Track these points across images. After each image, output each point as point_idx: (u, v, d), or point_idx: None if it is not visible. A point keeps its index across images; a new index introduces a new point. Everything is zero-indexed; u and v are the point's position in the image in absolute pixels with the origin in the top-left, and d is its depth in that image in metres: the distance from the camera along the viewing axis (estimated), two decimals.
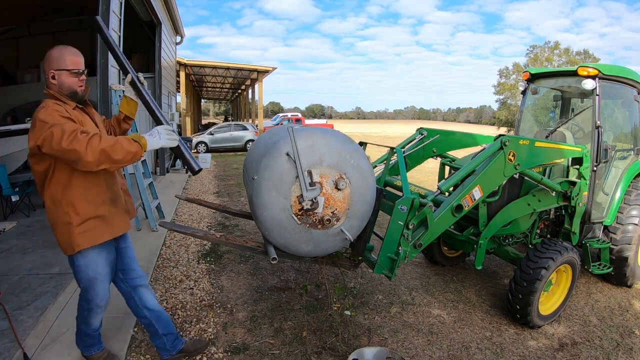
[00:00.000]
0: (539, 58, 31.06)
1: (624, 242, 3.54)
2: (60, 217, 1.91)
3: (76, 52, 1.99)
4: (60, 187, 1.88)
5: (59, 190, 1.88)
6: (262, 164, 2.11)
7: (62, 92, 1.90)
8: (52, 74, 1.88)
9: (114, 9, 4.68)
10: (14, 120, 7.07)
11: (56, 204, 1.90)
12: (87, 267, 2.02)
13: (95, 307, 2.15)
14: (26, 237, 4.31)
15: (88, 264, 2.02)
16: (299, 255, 2.33)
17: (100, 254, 2.05)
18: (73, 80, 1.92)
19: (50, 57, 1.91)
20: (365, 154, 2.32)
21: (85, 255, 2.00)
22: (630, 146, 3.96)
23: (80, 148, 1.67)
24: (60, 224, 1.93)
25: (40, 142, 1.73)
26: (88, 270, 2.03)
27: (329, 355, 2.60)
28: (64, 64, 1.90)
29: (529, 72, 4.18)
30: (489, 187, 2.67)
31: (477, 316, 3.20)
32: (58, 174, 1.87)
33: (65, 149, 1.68)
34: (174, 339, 2.40)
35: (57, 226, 1.94)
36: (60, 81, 1.89)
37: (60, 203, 1.89)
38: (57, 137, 1.68)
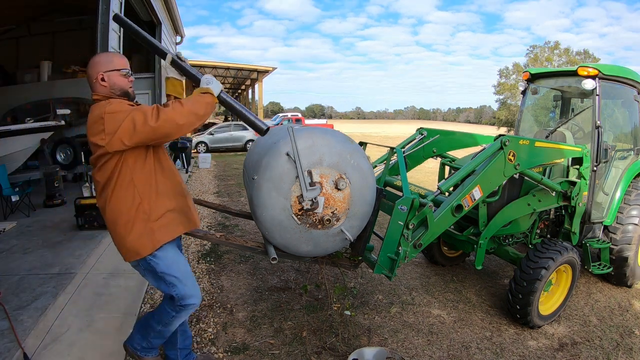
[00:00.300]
0: (539, 58, 31.08)
1: (624, 242, 3.54)
2: (133, 216, 1.84)
3: (122, 55, 2.02)
4: (131, 184, 1.83)
5: (130, 188, 1.83)
6: (262, 164, 2.11)
7: (114, 92, 1.89)
8: (101, 76, 1.86)
9: (114, 9, 4.67)
10: (14, 120, 7.07)
11: (126, 203, 1.84)
12: (170, 267, 1.95)
13: (191, 306, 2.05)
14: (26, 237, 4.31)
15: (170, 263, 1.95)
16: (299, 255, 2.33)
17: (177, 251, 2.02)
18: (124, 80, 1.93)
19: (97, 61, 1.90)
20: (365, 154, 2.32)
21: (165, 253, 1.94)
22: (630, 146, 3.96)
23: (171, 116, 1.71)
24: (134, 224, 1.84)
25: (121, 133, 1.70)
26: (172, 269, 1.96)
27: (329, 355, 2.60)
28: (112, 65, 1.89)
29: (529, 72, 4.19)
30: (489, 187, 2.67)
31: (477, 316, 3.20)
32: (126, 170, 1.82)
33: (156, 127, 1.70)
34: (187, 353, 2.36)
35: (128, 228, 1.85)
36: (111, 82, 1.88)
37: (132, 201, 1.84)
38: (140, 120, 1.69)
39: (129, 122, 1.70)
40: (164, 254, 1.94)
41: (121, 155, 1.79)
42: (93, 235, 4.39)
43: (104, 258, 3.82)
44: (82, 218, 4.55)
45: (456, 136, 3.81)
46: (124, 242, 1.88)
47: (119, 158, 1.80)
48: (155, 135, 1.75)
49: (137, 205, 1.85)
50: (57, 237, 4.32)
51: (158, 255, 1.92)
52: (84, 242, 4.17)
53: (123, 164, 1.81)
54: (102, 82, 1.87)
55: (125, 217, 1.85)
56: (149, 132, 1.72)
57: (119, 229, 1.87)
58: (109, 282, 3.33)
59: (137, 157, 1.84)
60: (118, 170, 1.81)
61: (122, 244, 1.89)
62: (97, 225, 4.59)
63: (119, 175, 1.82)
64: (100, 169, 1.83)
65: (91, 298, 3.04)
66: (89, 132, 1.80)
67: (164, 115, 1.72)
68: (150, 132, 1.72)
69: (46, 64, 8.36)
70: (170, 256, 1.96)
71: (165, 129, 1.74)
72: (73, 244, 4.13)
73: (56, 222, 4.92)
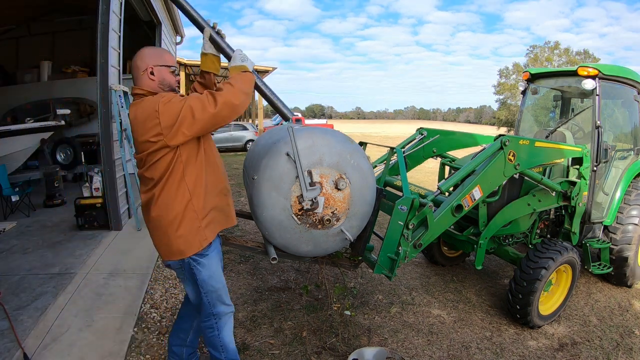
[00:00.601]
0: (539, 58, 31.08)
1: (624, 242, 3.54)
2: (182, 213, 1.78)
3: (170, 52, 1.99)
4: (183, 181, 1.79)
5: (181, 185, 1.78)
6: (262, 164, 2.11)
7: (162, 88, 1.84)
8: (150, 69, 1.80)
9: (114, 9, 4.67)
10: (14, 120, 7.07)
11: (176, 200, 1.78)
12: (211, 277, 1.91)
13: (230, 313, 2.03)
14: (26, 237, 4.31)
15: (212, 274, 1.91)
16: (299, 255, 2.33)
17: (219, 260, 1.99)
18: (172, 77, 1.88)
19: (147, 54, 1.84)
20: (365, 154, 2.31)
21: (210, 262, 1.90)
22: (630, 146, 3.96)
23: (228, 99, 1.69)
24: (181, 221, 1.79)
25: (180, 124, 1.65)
26: (213, 279, 1.91)
27: (329, 355, 2.60)
28: (163, 60, 1.84)
29: (529, 72, 4.19)
30: (489, 187, 2.67)
31: (477, 316, 3.20)
32: (179, 167, 1.77)
33: (215, 112, 1.67)
34: (192, 352, 2.34)
35: (174, 225, 1.79)
36: (161, 77, 1.84)
37: (182, 198, 1.78)
38: (199, 107, 1.66)
39: (187, 111, 1.66)
40: (209, 262, 1.91)
41: (176, 150, 1.74)
42: (93, 235, 4.39)
43: (104, 258, 3.82)
44: (82, 218, 4.55)
45: (456, 136, 3.81)
46: (168, 240, 1.82)
47: (174, 153, 1.74)
48: (215, 120, 1.71)
49: (187, 202, 1.79)
50: (57, 237, 4.32)
51: (202, 263, 1.89)
52: (84, 242, 4.17)
53: (177, 160, 1.76)
54: (150, 75, 1.81)
55: (172, 214, 1.78)
56: (209, 119, 1.69)
57: (165, 226, 1.80)
58: (109, 282, 3.33)
59: (190, 152, 1.79)
60: (172, 166, 1.75)
61: (165, 242, 1.83)
62: (97, 225, 4.59)
63: (172, 171, 1.76)
64: (153, 166, 1.76)
65: (91, 298, 3.03)
66: (139, 129, 1.72)
67: (220, 99, 1.68)
68: (210, 118, 1.68)
69: (46, 64, 8.35)
70: (214, 265, 1.94)
71: (224, 112, 1.70)
72: (73, 244, 4.13)
73: (56, 222, 4.92)
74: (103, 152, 4.54)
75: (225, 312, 2.03)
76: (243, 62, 1.90)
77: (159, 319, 2.92)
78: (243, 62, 1.90)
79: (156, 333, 2.74)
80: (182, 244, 1.81)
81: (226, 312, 2.03)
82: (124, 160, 4.88)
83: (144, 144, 1.73)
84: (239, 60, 1.91)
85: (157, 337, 2.69)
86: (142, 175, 1.84)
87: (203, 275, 1.90)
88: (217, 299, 1.98)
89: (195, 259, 1.88)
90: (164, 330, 2.78)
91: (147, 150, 1.73)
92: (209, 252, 1.92)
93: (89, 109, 8.07)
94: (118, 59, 5.01)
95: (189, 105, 1.66)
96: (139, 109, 1.74)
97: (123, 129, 4.70)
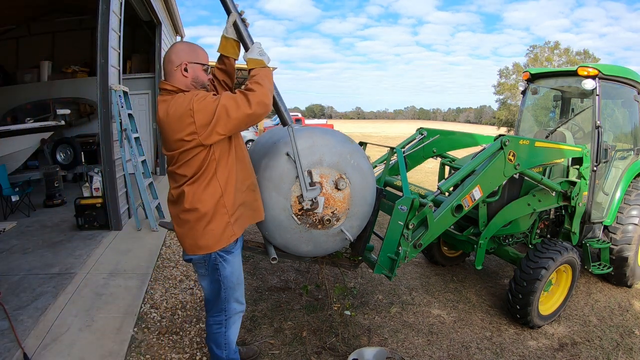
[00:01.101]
0: (539, 58, 31.05)
1: (624, 242, 3.54)
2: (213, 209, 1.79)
3: (204, 49, 1.93)
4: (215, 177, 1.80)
5: (213, 181, 1.79)
6: (262, 164, 2.11)
7: (195, 85, 1.83)
8: (185, 65, 1.79)
9: (114, 9, 4.67)
10: (14, 120, 7.07)
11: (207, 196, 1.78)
12: (233, 273, 1.93)
13: (241, 312, 2.07)
14: (26, 237, 4.32)
15: (234, 270, 1.93)
16: (299, 255, 2.33)
17: (241, 257, 2.00)
18: (205, 75, 1.87)
19: (182, 49, 1.83)
20: (365, 154, 2.31)
21: (235, 259, 1.93)
22: (630, 146, 3.96)
23: (261, 98, 1.70)
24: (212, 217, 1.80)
25: (216, 123, 1.65)
26: (234, 275, 1.94)
27: (329, 355, 2.60)
28: (197, 58, 1.83)
29: (529, 72, 4.18)
30: (489, 187, 2.67)
31: (477, 316, 3.20)
32: (212, 164, 1.77)
33: (251, 112, 1.68)
34: None
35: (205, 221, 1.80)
36: (194, 74, 1.82)
37: (213, 194, 1.79)
38: (233, 107, 1.67)
39: (222, 110, 1.66)
40: (233, 259, 1.93)
41: (210, 148, 1.74)
42: (93, 235, 4.39)
43: (104, 258, 3.82)
44: (82, 218, 4.55)
45: (456, 136, 3.81)
46: (195, 234, 1.82)
47: (208, 152, 1.75)
48: (249, 120, 1.71)
49: (218, 198, 1.80)
50: (57, 237, 4.33)
51: (227, 259, 1.91)
52: (84, 242, 4.17)
53: (211, 158, 1.76)
54: (184, 72, 1.80)
55: (204, 210, 1.78)
56: (244, 118, 1.69)
57: (194, 221, 1.80)
58: (109, 282, 3.33)
59: (222, 150, 1.80)
60: (206, 164, 1.76)
61: (192, 235, 1.83)
62: (97, 225, 4.60)
63: (206, 169, 1.77)
64: (186, 164, 1.76)
65: (91, 298, 3.04)
66: (171, 127, 1.70)
67: (254, 99, 1.69)
68: (244, 117, 1.69)
69: (46, 64, 8.36)
70: (237, 262, 1.96)
71: (259, 111, 1.70)
72: (73, 244, 4.13)
73: (56, 222, 4.93)
74: (103, 152, 4.55)
75: (236, 311, 2.05)
76: (261, 56, 1.86)
77: (159, 319, 2.92)
78: (261, 56, 1.86)
79: (156, 333, 2.74)
80: (211, 239, 1.82)
81: (237, 311, 2.05)
82: (124, 160, 4.88)
83: (176, 142, 1.72)
84: (257, 53, 1.87)
85: (157, 337, 2.69)
86: (173, 172, 1.83)
87: (227, 272, 1.92)
88: (233, 296, 2.00)
89: (222, 254, 1.88)
90: (164, 330, 2.78)
91: (180, 148, 1.72)
92: (235, 249, 1.94)
93: (89, 109, 8.08)
94: (118, 59, 5.01)
95: (223, 105, 1.66)
96: (171, 106, 1.71)
97: (123, 129, 4.70)
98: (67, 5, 8.35)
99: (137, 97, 8.09)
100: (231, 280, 1.96)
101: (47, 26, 8.88)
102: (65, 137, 7.22)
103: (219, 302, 2.00)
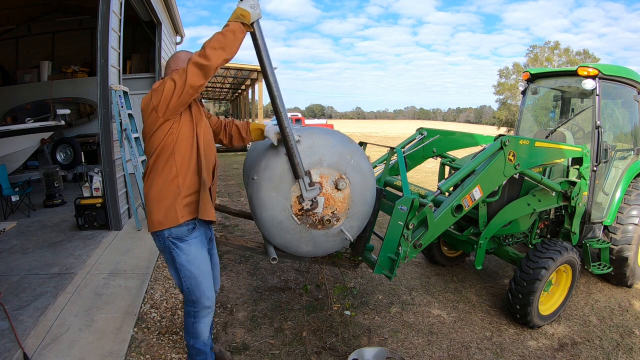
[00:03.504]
0: (539, 58, 31.04)
1: (624, 242, 3.54)
2: (167, 188, 1.93)
3: None
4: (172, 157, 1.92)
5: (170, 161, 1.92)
6: (262, 165, 2.11)
7: None
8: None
9: (114, 9, 4.67)
10: (14, 120, 7.07)
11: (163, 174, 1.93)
12: (190, 262, 2.00)
13: (205, 309, 2.10)
14: (26, 237, 4.31)
15: (191, 259, 2.00)
16: (299, 255, 2.33)
17: (201, 247, 2.04)
18: None
19: (180, 56, 1.99)
20: (365, 154, 2.31)
21: (189, 247, 1.98)
22: (630, 146, 3.96)
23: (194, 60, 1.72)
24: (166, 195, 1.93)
25: (165, 96, 1.78)
26: (192, 264, 2.01)
27: (329, 355, 2.60)
28: None
29: (529, 72, 4.18)
30: (489, 187, 2.66)
31: (477, 316, 3.20)
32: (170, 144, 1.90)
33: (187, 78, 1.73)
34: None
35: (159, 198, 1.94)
36: None
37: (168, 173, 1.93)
38: (178, 78, 1.75)
39: (170, 84, 1.77)
40: (188, 248, 1.98)
41: (170, 126, 1.87)
42: (93, 235, 4.39)
43: (104, 258, 3.82)
44: (82, 218, 4.55)
45: (456, 136, 3.81)
46: (151, 210, 1.95)
47: (167, 130, 1.87)
48: (188, 89, 1.76)
49: (172, 178, 1.91)
50: (57, 237, 4.33)
51: (181, 247, 1.97)
52: (84, 242, 4.17)
53: (169, 136, 1.88)
54: None
55: (159, 187, 1.92)
56: (183, 87, 1.75)
57: (151, 198, 1.94)
58: (109, 282, 3.33)
59: (182, 133, 1.90)
60: (164, 140, 1.88)
61: (150, 211, 1.96)
62: (97, 225, 4.59)
63: (164, 146, 1.89)
64: (149, 141, 1.91)
65: (91, 298, 3.04)
66: (142, 115, 1.88)
67: (189, 65, 1.73)
68: (183, 86, 1.75)
69: (46, 64, 8.36)
70: (193, 251, 2.00)
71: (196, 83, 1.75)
72: (73, 244, 4.13)
73: (56, 222, 4.93)
74: (103, 152, 4.55)
75: (204, 306, 2.09)
76: (252, 9, 1.77)
77: (159, 319, 2.92)
78: (252, 9, 1.77)
79: (156, 333, 2.74)
80: (162, 215, 1.93)
81: (205, 306, 2.09)
82: (124, 160, 4.88)
83: (144, 122, 1.90)
84: (248, 5, 1.78)
85: (157, 337, 2.69)
86: (145, 149, 2.00)
87: (182, 260, 1.98)
88: (196, 287, 2.04)
89: (174, 242, 1.97)
90: (164, 330, 2.78)
91: (145, 126, 1.91)
92: (190, 238, 1.99)
93: (89, 109, 8.08)
94: (118, 59, 5.01)
95: (171, 79, 1.78)
96: (144, 97, 1.90)
97: (123, 129, 4.70)
98: (67, 5, 8.36)
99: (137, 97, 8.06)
100: (189, 269, 2.00)
101: (47, 26, 8.89)
102: (65, 137, 7.22)
103: (185, 293, 2.08)
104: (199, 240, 2.03)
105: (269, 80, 1.97)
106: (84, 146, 7.15)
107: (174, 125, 1.88)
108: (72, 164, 6.74)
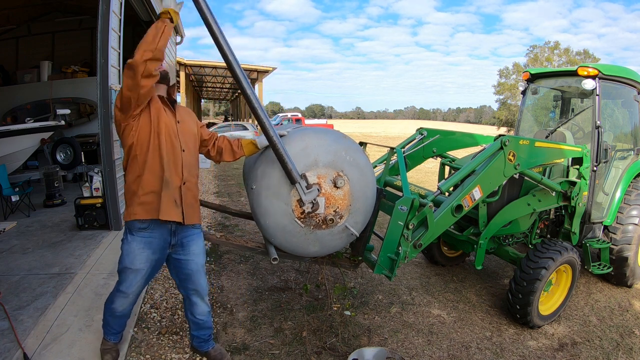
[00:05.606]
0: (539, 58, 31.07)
1: (624, 242, 3.54)
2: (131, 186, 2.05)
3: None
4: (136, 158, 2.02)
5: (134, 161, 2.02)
6: (259, 173, 2.11)
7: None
8: None
9: (114, 9, 4.66)
10: (14, 120, 7.07)
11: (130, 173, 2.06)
12: (124, 255, 2.11)
13: (121, 295, 2.20)
14: (26, 237, 4.31)
15: (126, 253, 2.10)
16: (307, 256, 2.33)
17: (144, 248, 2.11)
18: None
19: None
20: (361, 148, 2.31)
21: (130, 243, 2.08)
22: (630, 146, 3.96)
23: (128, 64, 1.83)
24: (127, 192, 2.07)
25: (117, 99, 1.93)
26: (124, 257, 2.12)
27: (329, 355, 2.60)
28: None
29: (529, 72, 4.18)
30: (489, 187, 2.66)
31: (477, 316, 3.20)
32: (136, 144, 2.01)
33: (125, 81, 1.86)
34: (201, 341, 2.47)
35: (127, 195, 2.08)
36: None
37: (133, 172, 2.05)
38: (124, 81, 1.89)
39: (120, 90, 1.90)
40: (132, 241, 2.08)
41: (131, 130, 1.98)
42: (93, 235, 4.39)
43: (104, 258, 3.82)
44: (82, 218, 4.55)
45: (456, 136, 3.81)
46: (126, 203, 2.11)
47: (129, 132, 1.99)
48: (127, 91, 1.86)
49: (136, 177, 2.03)
50: (57, 237, 4.32)
51: (127, 237, 2.10)
52: (84, 242, 4.17)
53: (130, 139, 2.00)
54: None
55: (126, 186, 2.08)
56: (125, 89, 1.86)
57: (125, 192, 2.11)
58: (109, 282, 3.32)
59: (140, 131, 1.99)
60: (130, 142, 2.00)
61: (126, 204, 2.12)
62: (97, 225, 4.59)
63: (131, 148, 2.01)
64: (122, 140, 2.05)
65: (91, 298, 3.03)
66: None
67: (126, 68, 1.85)
68: (124, 88, 1.86)
69: (46, 64, 8.35)
70: (133, 247, 2.08)
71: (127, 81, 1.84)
72: (73, 244, 4.13)
73: (56, 222, 4.92)
74: (103, 152, 4.55)
75: (120, 290, 2.18)
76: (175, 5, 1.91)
77: (159, 319, 2.92)
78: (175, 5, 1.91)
79: (156, 333, 2.74)
80: (125, 210, 2.10)
81: (120, 291, 2.19)
82: None
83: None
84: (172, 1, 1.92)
85: (157, 337, 2.69)
86: None
87: (123, 247, 2.11)
88: (122, 273, 2.15)
89: (125, 230, 2.11)
90: (164, 330, 2.77)
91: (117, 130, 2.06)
92: (137, 234, 2.07)
93: (89, 109, 8.07)
94: (118, 59, 5.01)
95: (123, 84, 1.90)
96: None
97: None
98: (67, 5, 8.36)
99: None
100: (123, 258, 2.11)
101: (47, 26, 8.88)
102: (65, 137, 7.22)
103: None
104: (146, 242, 2.08)
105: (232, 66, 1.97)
106: (84, 146, 7.14)
107: (134, 127, 1.98)
108: (72, 164, 6.74)
